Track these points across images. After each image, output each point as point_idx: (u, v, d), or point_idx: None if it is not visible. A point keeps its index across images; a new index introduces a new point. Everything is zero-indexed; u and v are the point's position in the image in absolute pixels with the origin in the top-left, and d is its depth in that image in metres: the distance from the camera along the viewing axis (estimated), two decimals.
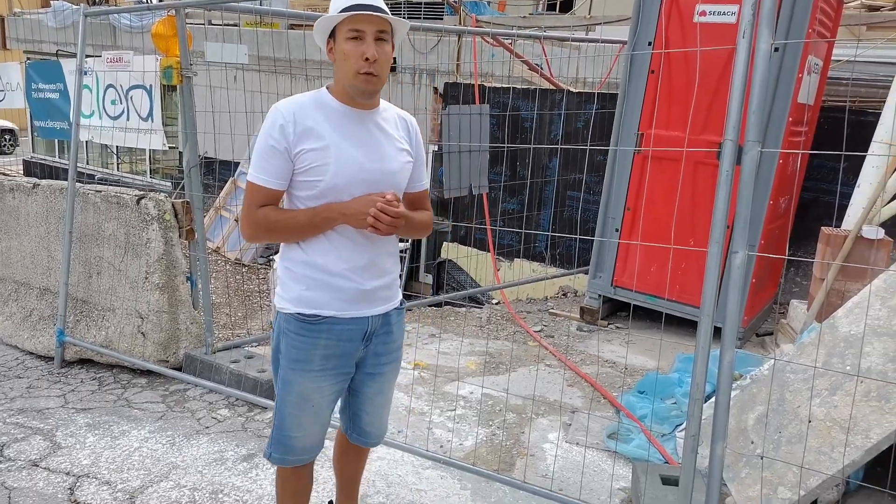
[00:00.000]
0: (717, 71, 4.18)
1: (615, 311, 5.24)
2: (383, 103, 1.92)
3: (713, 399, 2.23)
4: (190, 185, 3.61)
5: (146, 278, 3.66)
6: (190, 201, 3.65)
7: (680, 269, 4.62)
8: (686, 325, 4.43)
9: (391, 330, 1.99)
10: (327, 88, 1.84)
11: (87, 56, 3.83)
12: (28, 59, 12.14)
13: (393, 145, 1.86)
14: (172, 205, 3.65)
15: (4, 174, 13.47)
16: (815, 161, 5.15)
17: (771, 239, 4.48)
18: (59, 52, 11.25)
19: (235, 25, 9.47)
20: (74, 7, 10.89)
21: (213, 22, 10.06)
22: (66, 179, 3.84)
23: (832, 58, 5.00)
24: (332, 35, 1.78)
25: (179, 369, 3.77)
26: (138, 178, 11.33)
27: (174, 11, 3.51)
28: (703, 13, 4.26)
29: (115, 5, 13.14)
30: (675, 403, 3.32)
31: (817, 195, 5.26)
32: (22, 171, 12.78)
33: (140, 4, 3.68)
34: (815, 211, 5.19)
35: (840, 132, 4.49)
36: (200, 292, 3.81)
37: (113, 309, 3.88)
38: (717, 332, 2.10)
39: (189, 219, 3.64)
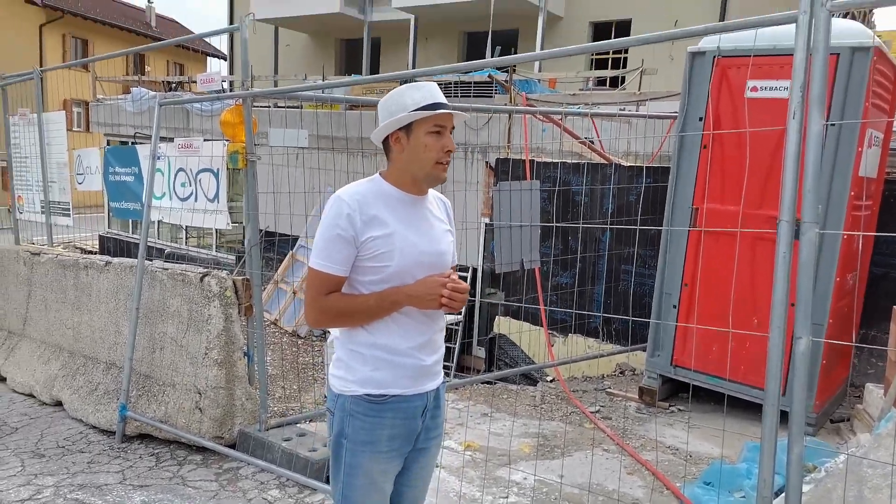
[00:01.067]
0: (772, 145, 4.13)
1: (676, 391, 5.03)
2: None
3: (784, 494, 2.09)
4: (250, 262, 3.75)
5: (206, 354, 3.76)
6: (250, 278, 3.77)
7: (744, 348, 4.43)
8: (753, 409, 4.20)
9: (439, 404, 2.03)
10: (381, 176, 1.94)
11: (162, 139, 4.10)
12: (108, 142, 13.07)
13: (441, 228, 1.99)
14: (233, 282, 3.78)
15: (82, 249, 14.27)
16: (883, 237, 4.95)
17: (840, 317, 4.27)
18: (137, 135, 12.08)
19: (298, 108, 9.99)
20: (151, 94, 11.74)
21: (278, 105, 10.64)
22: (137, 254, 4.04)
23: (894, 128, 4.88)
24: (404, 128, 1.89)
25: (234, 445, 3.80)
26: (204, 251, 11.83)
27: (242, 100, 3.75)
28: (754, 89, 4.25)
29: (189, 90, 14.10)
30: (743, 497, 3.12)
31: (887, 270, 5.02)
32: (98, 246, 13.51)
33: (211, 94, 3.95)
34: (886, 286, 4.94)
35: None
36: (256, 368, 3.88)
37: (173, 384, 3.98)
38: (786, 417, 2.00)
39: (248, 296, 3.75)
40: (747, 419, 4.21)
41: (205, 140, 3.93)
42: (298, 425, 3.93)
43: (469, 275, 7.40)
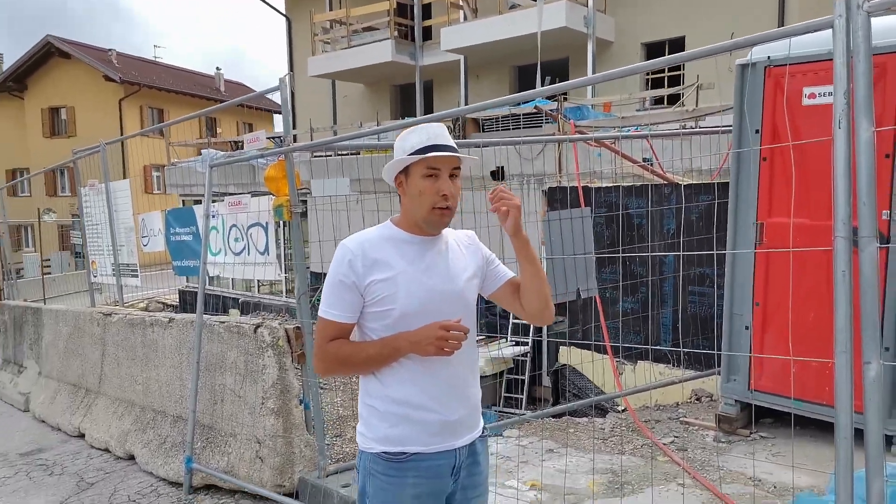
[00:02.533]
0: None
1: (758, 416, 4.69)
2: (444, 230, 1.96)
3: None
4: (300, 311, 3.79)
5: (262, 403, 3.81)
6: (301, 326, 3.82)
7: (828, 367, 4.10)
8: None
9: (478, 461, 1.89)
10: (392, 221, 1.90)
11: (225, 195, 4.26)
12: (183, 201, 13.77)
13: (460, 263, 1.89)
14: (285, 331, 3.83)
15: (164, 304, 14.98)
16: None
17: None
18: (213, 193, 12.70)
19: (357, 154, 10.23)
20: (220, 154, 12.35)
21: (338, 153, 10.96)
22: (215, 307, 4.17)
23: None
24: (403, 171, 1.85)
25: (294, 494, 3.80)
26: (276, 298, 12.18)
27: (284, 155, 3.85)
28: (811, 95, 4.02)
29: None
30: None
31: None
32: (178, 300, 14.18)
33: (258, 152, 4.10)
34: None
35: None
36: (313, 415, 3.89)
37: (235, 434, 4.05)
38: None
39: (300, 343, 3.79)
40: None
41: (252, 196, 4.05)
42: None
43: None
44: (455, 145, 1.86)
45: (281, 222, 3.98)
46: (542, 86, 11.27)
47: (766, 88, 4.25)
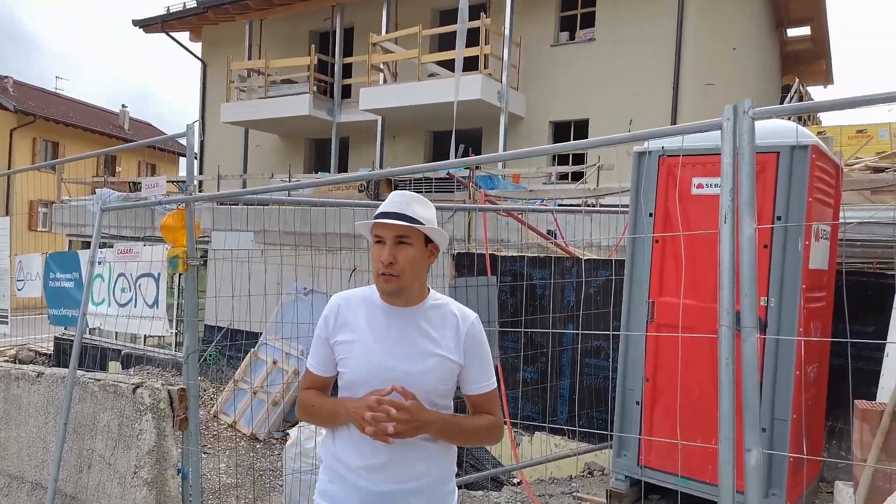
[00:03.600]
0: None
1: (647, 492, 4.80)
2: (442, 299, 1.91)
3: None
4: (187, 371, 3.55)
5: (135, 473, 3.48)
6: (186, 388, 3.57)
7: (713, 445, 4.27)
8: None
9: None
10: None
11: (123, 238, 3.98)
12: (70, 242, 12.87)
13: (425, 346, 1.81)
14: (168, 392, 3.56)
15: (36, 352, 13.72)
16: (839, 326, 4.94)
17: (805, 411, 4.16)
18: (103, 236, 11.95)
19: (265, 205, 9.98)
20: (116, 194, 11.70)
21: (246, 203, 10.64)
22: (94, 358, 3.83)
23: (845, 220, 4.98)
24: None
25: None
26: (162, 351, 11.43)
27: (185, 204, 3.68)
28: (700, 185, 4.33)
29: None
30: None
31: (853, 361, 4.97)
32: (53, 348, 13.02)
33: (155, 200, 3.88)
34: (849, 377, 4.87)
35: (861, 295, 4.33)
36: (191, 487, 3.60)
37: None
38: None
39: (184, 406, 3.53)
40: None
41: (145, 245, 3.82)
42: None
43: None
44: (414, 215, 1.81)
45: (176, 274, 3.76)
46: (457, 152, 11.59)
47: (660, 176, 4.53)
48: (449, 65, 12.93)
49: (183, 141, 3.77)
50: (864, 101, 1.78)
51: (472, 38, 12.61)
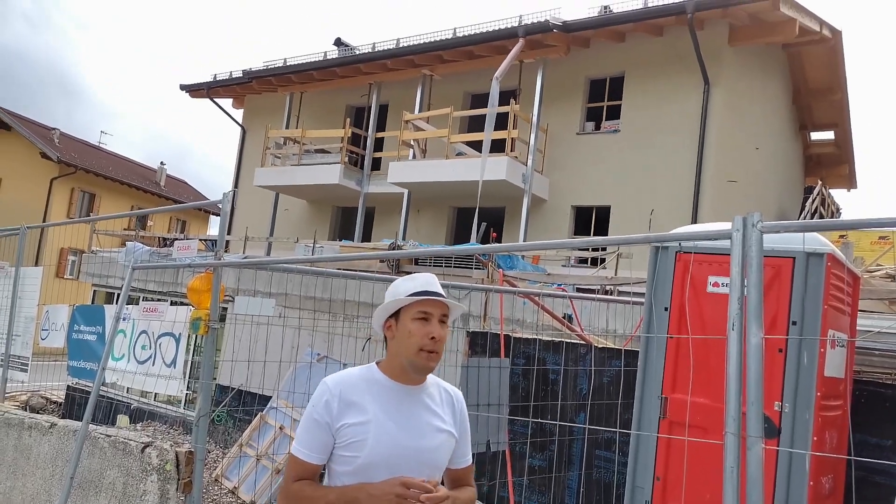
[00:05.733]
0: None
1: None
2: (429, 378, 1.97)
3: None
4: (196, 434, 3.58)
5: None
6: (194, 451, 3.59)
7: None
8: None
9: None
10: (377, 364, 1.92)
11: (148, 292, 4.11)
12: (94, 292, 13.11)
13: (434, 423, 1.87)
14: (176, 454, 3.59)
15: (47, 399, 13.74)
16: (857, 437, 4.84)
17: None
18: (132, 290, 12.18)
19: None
20: (146, 248, 12.02)
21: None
22: (102, 409, 3.87)
23: (862, 328, 4.96)
24: (394, 315, 1.91)
25: None
26: (172, 408, 11.40)
27: (213, 268, 3.81)
28: (715, 284, 4.37)
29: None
30: None
31: (866, 474, 4.83)
32: (64, 398, 13.03)
33: (185, 261, 4.04)
34: (866, 492, 4.72)
35: (878, 405, 4.26)
36: None
37: None
38: None
39: (189, 470, 3.54)
40: None
41: (171, 304, 3.94)
42: None
43: None
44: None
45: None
46: (479, 230, 11.78)
47: (677, 271, 4.58)
48: (477, 145, 13.35)
49: (217, 203, 3.94)
50: (866, 223, 1.86)
51: (501, 122, 13.08)
